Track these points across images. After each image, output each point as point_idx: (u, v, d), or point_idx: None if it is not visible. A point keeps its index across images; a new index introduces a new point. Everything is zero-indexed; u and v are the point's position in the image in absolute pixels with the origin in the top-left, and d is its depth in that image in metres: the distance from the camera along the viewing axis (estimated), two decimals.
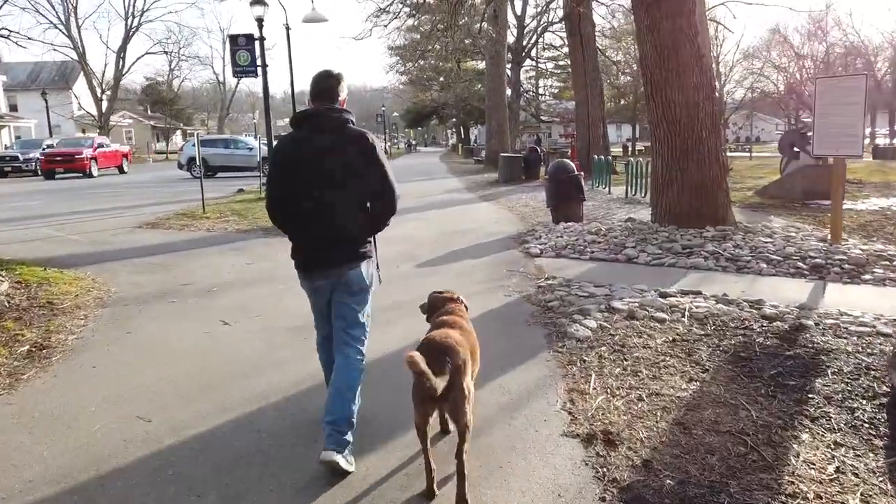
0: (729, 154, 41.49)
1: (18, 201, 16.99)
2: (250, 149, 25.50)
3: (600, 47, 28.41)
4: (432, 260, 7.88)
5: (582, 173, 10.72)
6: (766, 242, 7.49)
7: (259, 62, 14.88)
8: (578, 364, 4.18)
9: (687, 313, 5.12)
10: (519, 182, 19.96)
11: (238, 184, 20.31)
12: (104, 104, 52.28)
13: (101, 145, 29.80)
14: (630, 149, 45.74)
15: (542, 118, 55.72)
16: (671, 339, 4.58)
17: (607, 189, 15.90)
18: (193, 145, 25.27)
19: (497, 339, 4.64)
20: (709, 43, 11.62)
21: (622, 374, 3.97)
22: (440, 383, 2.44)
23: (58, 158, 27.02)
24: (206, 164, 25.04)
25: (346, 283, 3.08)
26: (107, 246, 9.22)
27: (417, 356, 2.42)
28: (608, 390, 3.74)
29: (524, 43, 44.13)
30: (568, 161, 10.38)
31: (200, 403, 3.76)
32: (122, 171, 31.06)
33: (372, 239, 3.21)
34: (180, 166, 25.45)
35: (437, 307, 3.24)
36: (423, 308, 3.39)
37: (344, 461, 2.82)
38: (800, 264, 6.66)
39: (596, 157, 17.84)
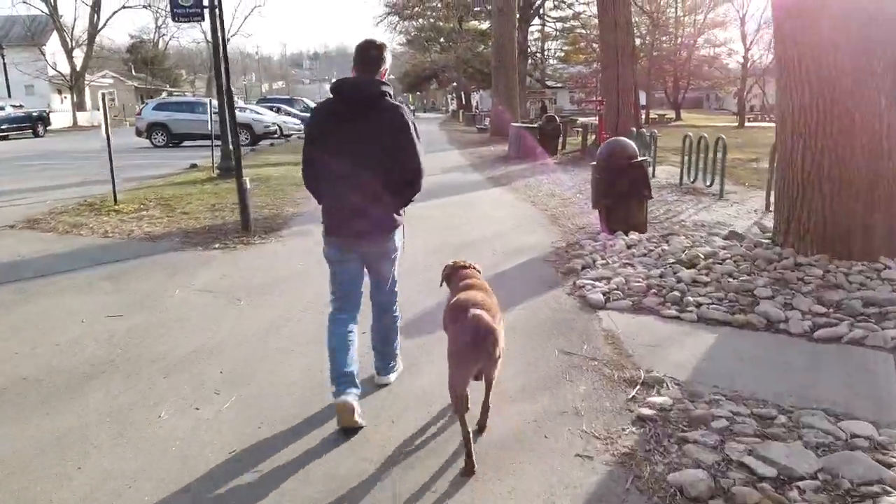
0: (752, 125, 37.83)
1: None
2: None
3: None
4: (416, 321, 4.65)
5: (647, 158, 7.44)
6: None
7: (207, 2, 11.38)
8: None
9: None
10: (534, 158, 16.58)
11: (203, 154, 16.93)
12: (78, 62, 48.40)
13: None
14: (644, 117, 42.05)
15: (548, 83, 51.96)
16: None
17: (651, 171, 12.57)
18: (154, 108, 21.98)
19: None
20: None
21: None
22: (500, 331, 2.61)
23: None
24: (168, 130, 21.66)
25: (377, 250, 3.12)
26: None
27: (483, 313, 2.51)
28: None
29: None
30: (627, 141, 7.11)
31: None
32: (36, 134, 29.17)
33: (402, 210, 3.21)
34: (139, 133, 21.93)
35: (452, 276, 3.22)
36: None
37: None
38: None
39: (636, 129, 14.48)
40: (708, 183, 10.12)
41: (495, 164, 15.68)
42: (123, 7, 49.39)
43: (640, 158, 6.90)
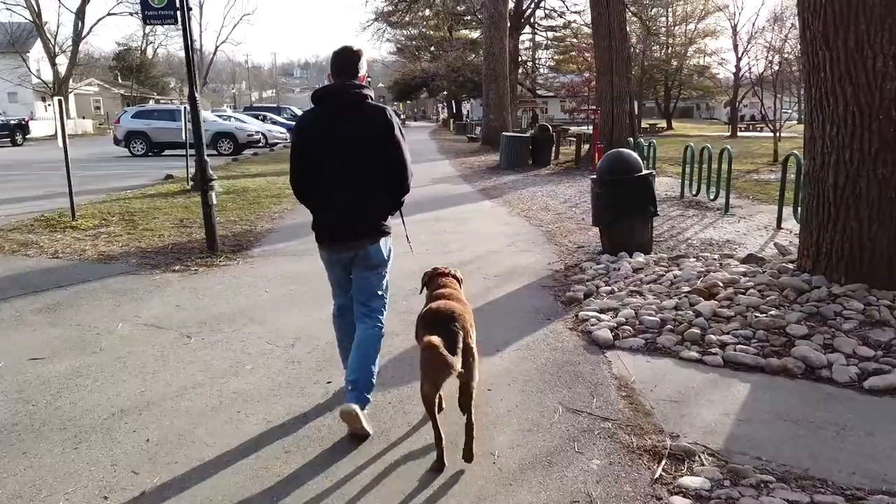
0: (747, 135, 37.39)
1: None
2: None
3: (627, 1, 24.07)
4: (393, 365, 3.98)
5: (653, 172, 6.80)
6: None
7: (179, 3, 10.70)
8: None
9: None
10: (526, 168, 15.99)
11: (183, 164, 16.21)
12: (62, 69, 47.49)
13: None
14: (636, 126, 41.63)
15: (539, 93, 51.55)
16: None
17: None
18: (133, 116, 21.22)
19: None
20: None
21: None
22: (457, 361, 2.44)
23: None
24: (147, 139, 20.91)
25: (364, 257, 3.06)
26: None
27: (436, 339, 2.38)
28: None
29: (523, 7, 39.98)
30: (629, 153, 6.49)
31: None
32: (14, 143, 28.98)
33: (399, 213, 3.23)
34: (117, 142, 21.16)
35: (430, 282, 3.17)
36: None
37: (363, 418, 2.86)
38: None
39: (632, 139, 13.93)
40: (711, 196, 9.54)
41: (486, 175, 15.06)
42: (109, 14, 48.53)
43: (644, 172, 6.28)
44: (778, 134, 20.58)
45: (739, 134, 38.90)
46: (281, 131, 27.17)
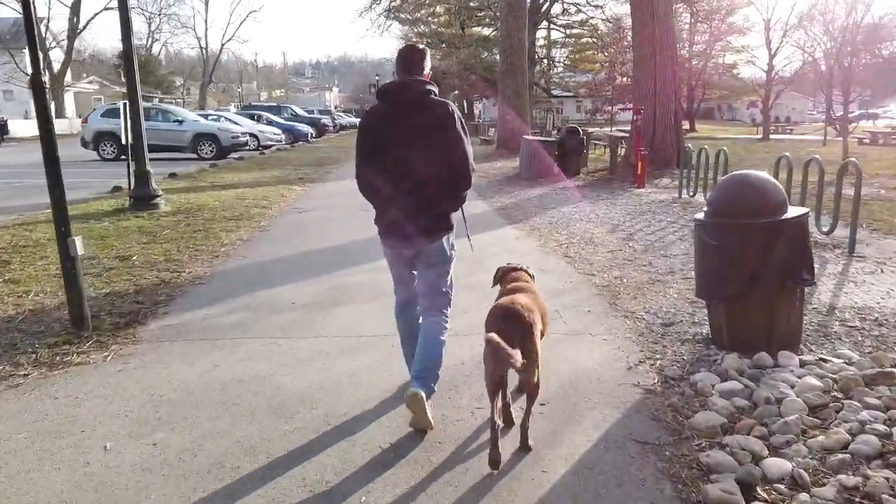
0: (780, 137, 34.05)
1: None
2: (180, 121, 18.75)
3: None
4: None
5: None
6: None
7: None
8: None
9: None
10: (551, 179, 13.37)
11: (169, 168, 13.81)
12: (56, 66, 45.51)
13: None
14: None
15: (554, 92, 48.87)
16: None
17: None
18: (103, 115, 18.78)
19: None
20: None
21: None
22: (517, 354, 2.48)
23: None
24: (119, 141, 18.42)
25: (426, 254, 3.08)
26: None
27: (495, 337, 2.46)
28: None
29: (540, 0, 37.46)
30: (763, 178, 3.86)
31: None
32: None
33: (461, 210, 3.19)
34: (84, 144, 18.70)
35: (504, 277, 3.25)
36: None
37: (428, 407, 2.87)
38: None
39: (676, 146, 11.32)
40: (824, 228, 6.87)
41: (504, 188, 12.45)
42: (105, 9, 46.44)
43: (798, 212, 3.67)
44: (846, 137, 17.88)
45: (772, 136, 36.04)
46: (276, 132, 24.71)
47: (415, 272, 3.15)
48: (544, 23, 41.28)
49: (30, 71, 4.19)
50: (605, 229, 7.91)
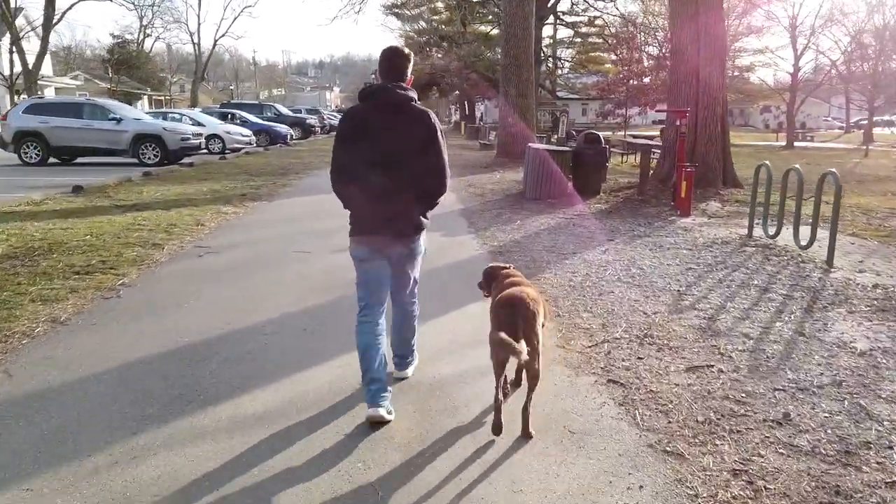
0: (807, 144, 30.64)
1: None
2: (118, 120, 15.71)
3: None
4: None
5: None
6: None
7: None
8: None
9: None
10: (564, 200, 10.39)
11: (88, 178, 10.81)
12: (30, 60, 42.50)
13: None
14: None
15: (559, 94, 45.91)
16: None
17: (795, 235, 6.38)
18: (26, 111, 15.78)
19: None
20: None
21: None
22: (522, 347, 2.65)
23: None
24: (45, 142, 15.47)
25: (409, 250, 3.19)
26: None
27: (505, 337, 2.64)
28: None
29: None
30: None
31: None
32: None
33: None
34: (3, 145, 15.73)
35: (494, 277, 3.40)
36: (480, 285, 3.52)
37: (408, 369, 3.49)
38: None
39: (721, 161, 8.27)
40: None
41: (503, 213, 9.45)
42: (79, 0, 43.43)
43: None
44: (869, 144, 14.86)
45: (795, 144, 32.96)
46: (245, 134, 21.70)
47: (383, 276, 3.18)
48: (550, 18, 38.27)
49: None
50: (661, 302, 4.91)
